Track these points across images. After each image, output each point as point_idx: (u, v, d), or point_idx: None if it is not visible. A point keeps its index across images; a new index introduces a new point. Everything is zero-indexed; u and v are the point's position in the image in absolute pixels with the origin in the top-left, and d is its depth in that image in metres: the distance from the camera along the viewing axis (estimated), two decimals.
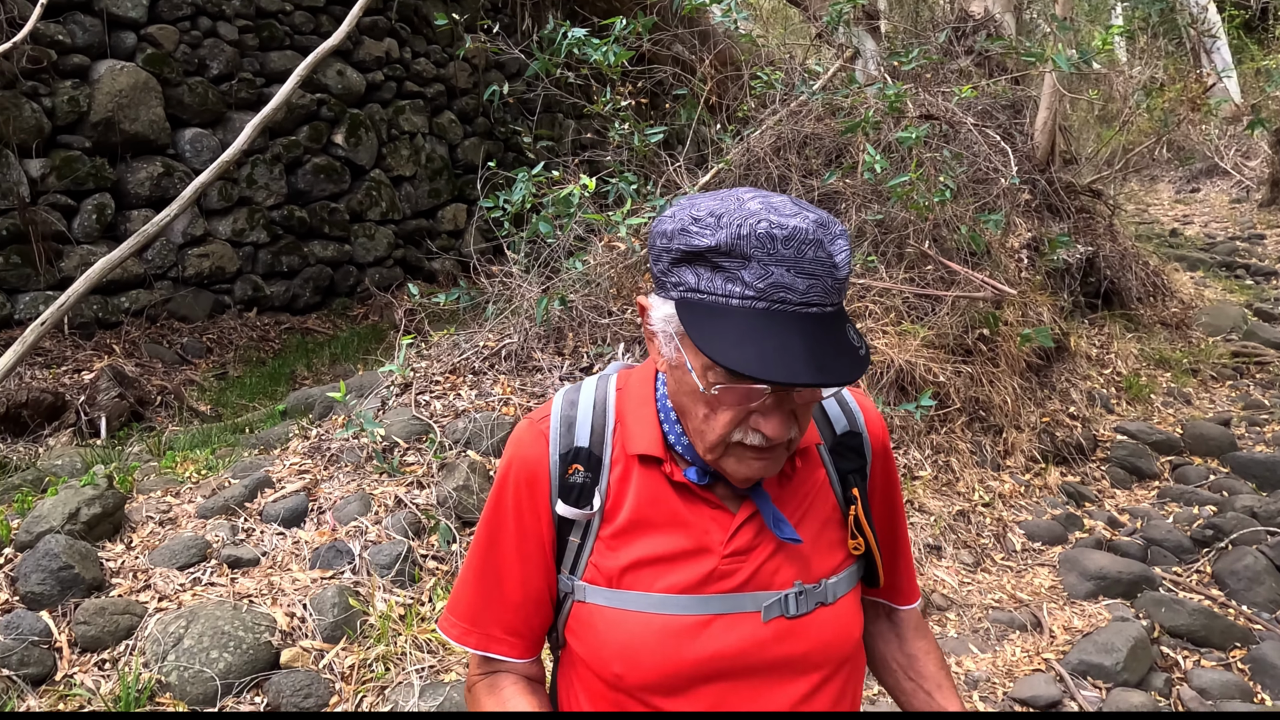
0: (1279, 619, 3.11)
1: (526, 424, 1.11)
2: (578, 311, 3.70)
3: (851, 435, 1.11)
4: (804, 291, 0.88)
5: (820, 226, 0.90)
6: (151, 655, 2.08)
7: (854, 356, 0.90)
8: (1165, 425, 4.60)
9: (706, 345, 0.88)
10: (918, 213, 4.11)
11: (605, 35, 4.25)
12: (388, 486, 2.77)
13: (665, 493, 1.04)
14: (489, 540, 1.09)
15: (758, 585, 1.02)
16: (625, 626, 1.02)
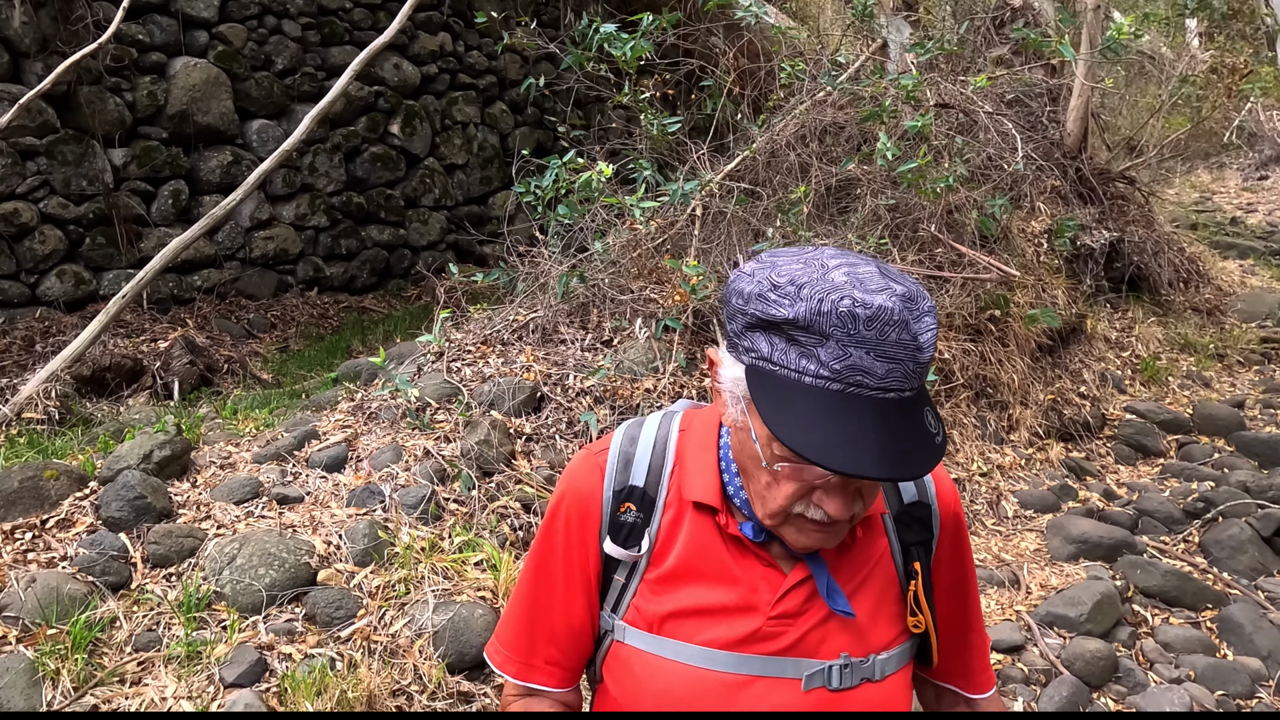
0: (1258, 585, 3.25)
1: (584, 455, 1.10)
2: (600, 289, 3.98)
3: (920, 506, 1.08)
4: (883, 376, 0.84)
5: (907, 304, 0.86)
6: (210, 571, 2.44)
7: (929, 446, 0.86)
8: (1177, 406, 4.71)
9: (774, 423, 0.85)
10: (928, 198, 4.29)
11: (635, 30, 4.52)
12: (418, 440, 3.10)
13: (716, 544, 1.02)
14: (537, 569, 1.09)
15: (802, 652, 1.00)
16: (662, 675, 1.01)
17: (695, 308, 3.80)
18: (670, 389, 3.48)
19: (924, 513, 1.07)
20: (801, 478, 0.90)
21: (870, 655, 1.01)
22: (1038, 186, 5.60)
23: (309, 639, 2.28)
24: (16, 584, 2.25)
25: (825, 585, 0.99)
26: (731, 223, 4.31)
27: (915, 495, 1.07)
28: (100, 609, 2.26)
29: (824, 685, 0.99)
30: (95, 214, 5.42)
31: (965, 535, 1.12)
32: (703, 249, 4.16)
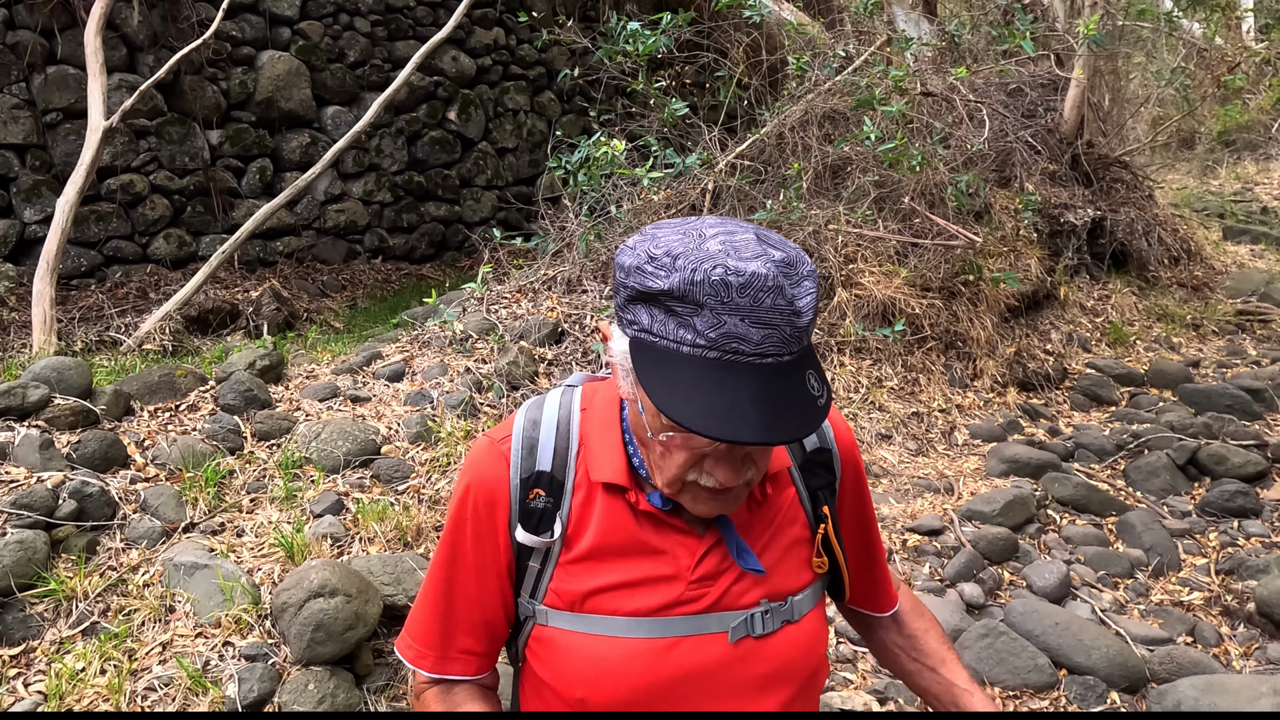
0: (1165, 503, 3.82)
1: (486, 444, 1.08)
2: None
3: (821, 452, 1.11)
4: (758, 342, 0.85)
5: (783, 269, 0.86)
6: (300, 443, 3.20)
7: (810, 408, 0.87)
8: (1137, 365, 5.24)
9: (654, 394, 0.86)
10: (907, 175, 4.90)
11: (657, 28, 5.19)
12: (461, 360, 3.84)
13: (629, 520, 1.03)
14: (448, 563, 1.08)
15: (724, 606, 1.02)
16: (589, 650, 1.01)
17: None
18: None
19: (826, 458, 1.11)
20: (690, 446, 0.92)
21: (788, 598, 1.05)
22: (1028, 168, 6.14)
23: (374, 490, 3.03)
24: (164, 444, 3.05)
25: (735, 546, 1.02)
26: (737, 197, 4.97)
27: (817, 443, 1.11)
28: (222, 463, 3.04)
29: (748, 634, 1.02)
30: (195, 186, 6.29)
31: (864, 473, 1.17)
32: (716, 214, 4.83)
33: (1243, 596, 3.07)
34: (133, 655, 2.25)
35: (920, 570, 3.18)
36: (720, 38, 5.77)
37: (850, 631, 2.75)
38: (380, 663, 2.43)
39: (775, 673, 1.03)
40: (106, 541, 2.62)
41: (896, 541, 3.33)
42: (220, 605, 2.39)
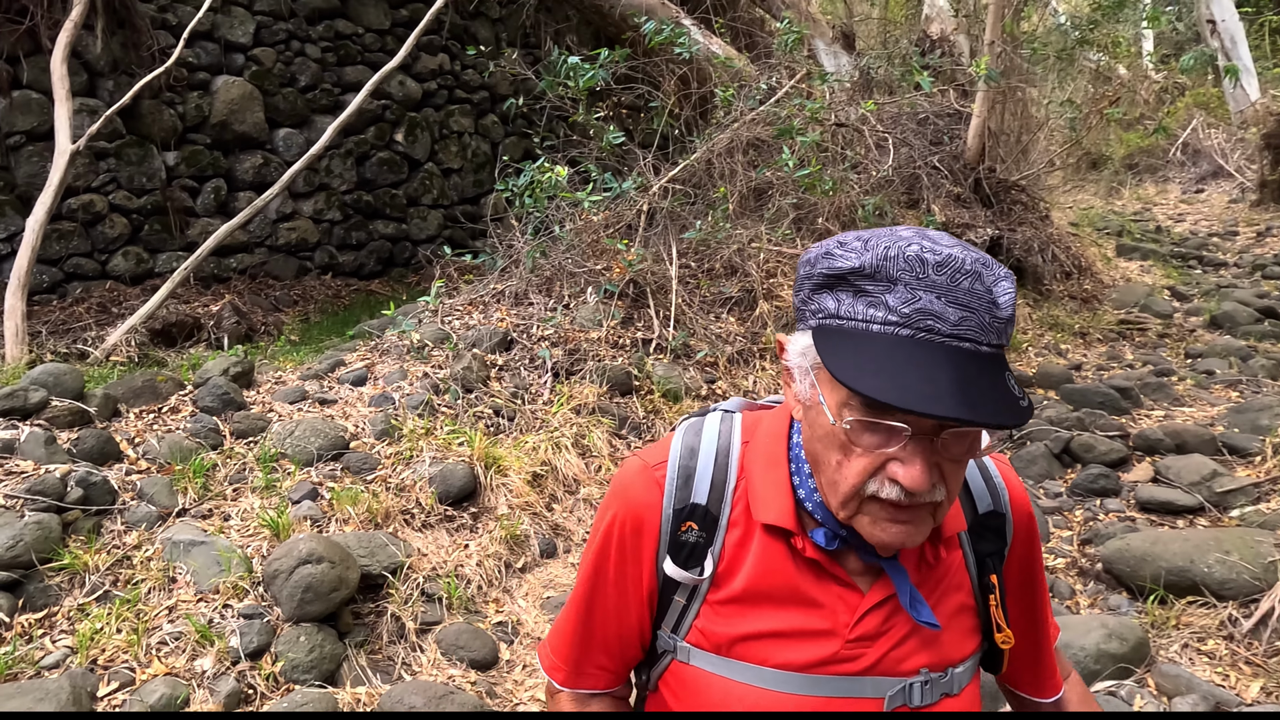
0: (1042, 485, 4.38)
1: (639, 468, 1.05)
2: (562, 265, 5.12)
3: (994, 515, 1.04)
4: (955, 323, 0.81)
5: (981, 263, 0.83)
6: (276, 439, 3.56)
7: (1012, 403, 0.81)
8: (1027, 368, 5.85)
9: (839, 370, 0.81)
10: (822, 197, 5.44)
11: (596, 60, 5.66)
12: (419, 367, 4.23)
13: (789, 566, 0.98)
14: (590, 582, 1.07)
15: (882, 671, 0.97)
16: (735, 697, 0.98)
17: (632, 278, 4.94)
18: (610, 336, 4.62)
19: (998, 522, 1.04)
20: (874, 443, 0.85)
21: (949, 669, 0.99)
22: (934, 191, 6.76)
23: (345, 479, 3.41)
24: (153, 441, 3.38)
25: (908, 596, 0.95)
26: (670, 217, 5.45)
27: (990, 505, 1.04)
28: (206, 458, 3.38)
29: (905, 703, 0.96)
30: (152, 205, 6.54)
31: (1037, 541, 1.08)
32: (646, 236, 5.30)
33: (1094, 559, 3.62)
34: (142, 616, 2.60)
35: None
36: (654, 71, 6.26)
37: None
38: (358, 622, 2.81)
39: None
40: (109, 525, 2.95)
41: None
42: (217, 574, 2.75)
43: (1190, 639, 2.87)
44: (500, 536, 3.35)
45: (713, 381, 4.74)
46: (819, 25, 8.29)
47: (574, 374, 4.38)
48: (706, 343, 4.87)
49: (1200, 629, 2.91)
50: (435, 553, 3.18)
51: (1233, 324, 6.63)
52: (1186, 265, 9.36)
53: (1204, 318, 6.91)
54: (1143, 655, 2.79)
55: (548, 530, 3.54)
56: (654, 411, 4.40)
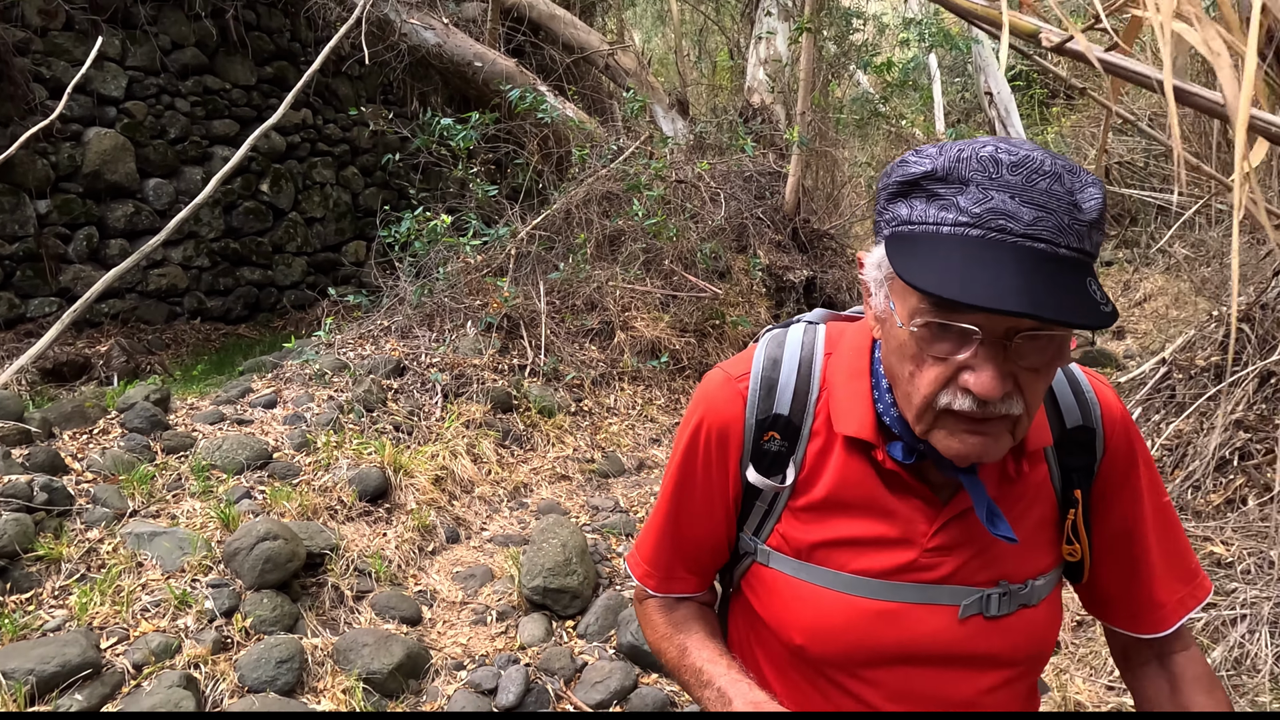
0: None
1: (722, 379, 1.06)
2: (443, 303, 5.78)
3: (1083, 430, 1.02)
4: (1030, 223, 0.79)
5: (1065, 167, 0.80)
6: (205, 453, 4.03)
7: (1090, 304, 0.78)
8: None
9: (906, 271, 0.81)
10: (666, 243, 6.37)
11: (466, 122, 6.40)
12: (323, 391, 4.78)
13: (870, 477, 0.99)
14: (676, 489, 1.10)
15: (959, 580, 0.98)
16: (812, 601, 1.00)
17: (507, 313, 5.66)
18: (490, 363, 5.31)
19: (1087, 437, 1.02)
20: (945, 348, 0.84)
21: (1028, 581, 1.00)
22: (759, 238, 7.86)
23: (273, 483, 3.94)
24: (95, 455, 3.81)
25: (985, 510, 0.94)
26: (536, 259, 6.22)
27: (1079, 419, 1.02)
28: (145, 469, 3.84)
29: (980, 613, 0.97)
30: (24, 252, 6.70)
31: (1142, 461, 1.04)
32: (515, 276, 6.04)
33: None
34: (121, 591, 3.08)
35: None
36: (517, 131, 7.07)
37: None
38: (305, 591, 3.37)
39: (998, 655, 1.00)
40: (70, 525, 3.38)
41: None
42: (181, 556, 3.25)
43: None
44: (412, 526, 3.97)
45: (580, 400, 5.52)
46: (657, 92, 9.35)
47: (461, 395, 5.05)
48: (573, 368, 5.64)
49: None
50: (359, 539, 3.76)
51: None
52: None
53: None
54: None
55: (451, 521, 4.18)
56: (532, 425, 5.12)
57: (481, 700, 3.04)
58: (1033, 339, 0.83)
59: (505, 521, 4.34)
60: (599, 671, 3.16)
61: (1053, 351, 0.85)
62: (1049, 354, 0.84)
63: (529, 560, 3.63)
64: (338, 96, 9.69)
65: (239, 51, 8.48)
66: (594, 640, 3.39)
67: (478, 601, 3.64)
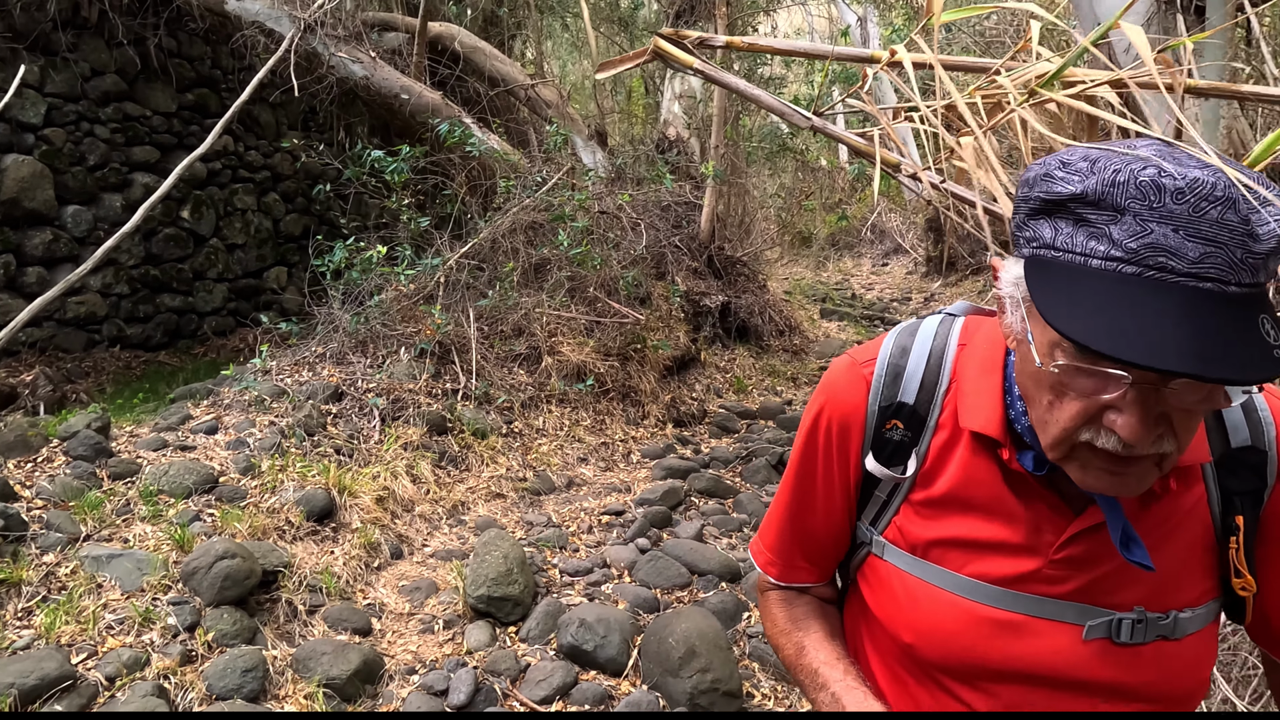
0: (763, 489, 5.80)
1: (848, 365, 1.04)
2: (376, 330, 5.98)
3: (1252, 451, 0.92)
4: (1195, 260, 0.70)
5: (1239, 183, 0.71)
6: (151, 479, 4.17)
7: (1264, 352, 0.69)
8: (752, 404, 7.41)
9: (1048, 309, 0.74)
10: (590, 271, 6.72)
11: (397, 154, 6.63)
12: (264, 416, 4.95)
13: (995, 477, 0.94)
14: (798, 476, 1.09)
15: (1088, 599, 0.91)
16: (925, 601, 0.97)
17: (439, 339, 5.91)
18: (425, 387, 5.55)
19: (1257, 459, 0.92)
20: (1086, 389, 0.78)
21: (1170, 611, 0.91)
22: (677, 266, 8.28)
23: (222, 506, 4.10)
24: (44, 482, 3.91)
25: (1120, 533, 0.87)
26: (466, 286, 6.48)
27: (1248, 439, 0.92)
28: (94, 495, 3.96)
29: (1109, 637, 0.90)
30: None
31: None
32: (445, 303, 6.29)
33: None
34: (84, 612, 3.23)
35: (611, 535, 4.81)
36: (445, 162, 7.33)
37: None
38: (261, 607, 3.57)
39: (1128, 688, 0.91)
40: (24, 550, 3.50)
41: (595, 520, 4.95)
42: (140, 577, 3.41)
43: None
44: (358, 543, 4.19)
45: (510, 422, 5.80)
46: (576, 124, 9.72)
47: (398, 419, 5.27)
48: (503, 391, 5.92)
49: None
50: (309, 557, 3.97)
51: None
52: (872, 324, 11.65)
53: None
54: None
55: (394, 538, 4.41)
56: (466, 446, 5.37)
57: (434, 701, 3.29)
58: (1193, 384, 0.76)
59: (445, 538, 4.59)
60: (542, 671, 3.45)
61: (1210, 392, 0.77)
62: (1209, 395, 0.77)
63: (472, 571, 3.90)
64: (259, 123, 9.76)
65: (160, 78, 8.50)
66: (535, 643, 3.68)
67: (424, 612, 3.89)
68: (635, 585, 4.19)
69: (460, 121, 7.45)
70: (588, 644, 3.53)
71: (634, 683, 3.45)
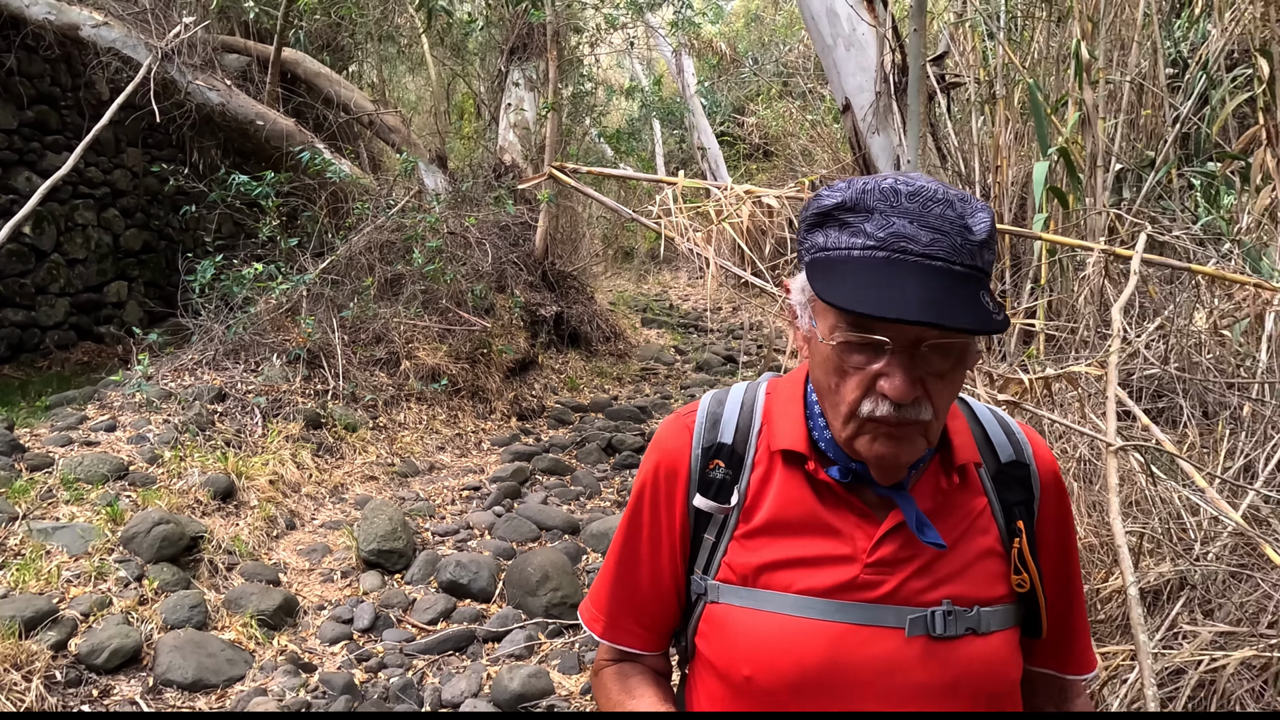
0: (596, 466, 6.93)
1: (672, 419, 1.16)
2: (246, 338, 6.66)
3: (1017, 465, 1.10)
4: (927, 244, 0.91)
5: (957, 195, 0.93)
6: (67, 469, 4.77)
7: (982, 313, 0.90)
8: (584, 399, 8.56)
9: (824, 291, 0.92)
10: (442, 285, 7.64)
11: (261, 178, 7.29)
12: (157, 416, 5.59)
13: (807, 495, 1.06)
14: (626, 532, 1.16)
15: (902, 600, 1.02)
16: (759, 627, 1.03)
17: (309, 346, 6.67)
18: (302, 389, 6.32)
19: (1022, 472, 1.10)
20: (861, 365, 0.96)
21: (975, 606, 1.03)
22: (516, 280, 9.31)
23: (138, 489, 4.78)
24: None
25: (914, 518, 1.01)
26: (329, 300, 7.24)
27: (1012, 454, 1.11)
28: (19, 483, 4.55)
29: (926, 632, 1.00)
30: None
31: (1067, 502, 1.13)
32: (311, 313, 7.03)
33: (622, 491, 6.19)
34: (42, 571, 3.91)
35: (471, 505, 5.80)
36: (307, 187, 8.03)
37: None
38: (189, 566, 4.33)
39: (955, 683, 1.00)
40: None
41: (457, 495, 5.92)
42: (86, 543, 4.11)
43: None
44: (259, 517, 4.98)
45: (376, 417, 6.65)
46: (418, 148, 10.54)
47: (278, 415, 6.02)
48: (368, 391, 6.76)
49: None
50: (219, 529, 4.73)
51: (710, 367, 10.07)
52: (687, 331, 13.09)
53: (693, 364, 10.31)
54: None
55: (287, 513, 5.21)
56: (340, 438, 6.19)
57: (343, 627, 4.19)
58: (937, 347, 0.94)
59: (330, 512, 5.43)
60: (427, 601, 4.42)
61: (954, 358, 0.96)
62: (951, 360, 0.95)
63: (362, 531, 4.80)
64: (99, 140, 9.94)
65: (0, 96, 8.66)
66: (419, 584, 4.64)
67: (323, 567, 4.75)
68: (495, 540, 5.21)
69: (318, 149, 8.18)
70: (463, 579, 4.53)
71: (500, 605, 4.48)
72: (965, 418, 1.13)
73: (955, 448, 1.08)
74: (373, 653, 3.99)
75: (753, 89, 20.55)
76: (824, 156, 13.77)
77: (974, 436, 1.11)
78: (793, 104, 17.49)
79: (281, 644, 3.95)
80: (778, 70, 19.89)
